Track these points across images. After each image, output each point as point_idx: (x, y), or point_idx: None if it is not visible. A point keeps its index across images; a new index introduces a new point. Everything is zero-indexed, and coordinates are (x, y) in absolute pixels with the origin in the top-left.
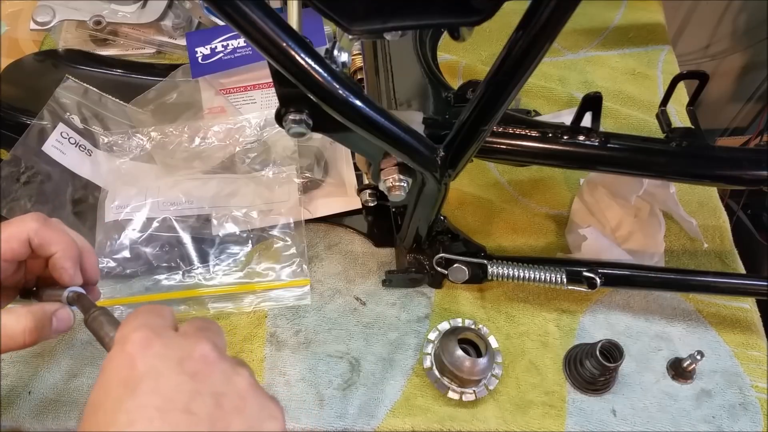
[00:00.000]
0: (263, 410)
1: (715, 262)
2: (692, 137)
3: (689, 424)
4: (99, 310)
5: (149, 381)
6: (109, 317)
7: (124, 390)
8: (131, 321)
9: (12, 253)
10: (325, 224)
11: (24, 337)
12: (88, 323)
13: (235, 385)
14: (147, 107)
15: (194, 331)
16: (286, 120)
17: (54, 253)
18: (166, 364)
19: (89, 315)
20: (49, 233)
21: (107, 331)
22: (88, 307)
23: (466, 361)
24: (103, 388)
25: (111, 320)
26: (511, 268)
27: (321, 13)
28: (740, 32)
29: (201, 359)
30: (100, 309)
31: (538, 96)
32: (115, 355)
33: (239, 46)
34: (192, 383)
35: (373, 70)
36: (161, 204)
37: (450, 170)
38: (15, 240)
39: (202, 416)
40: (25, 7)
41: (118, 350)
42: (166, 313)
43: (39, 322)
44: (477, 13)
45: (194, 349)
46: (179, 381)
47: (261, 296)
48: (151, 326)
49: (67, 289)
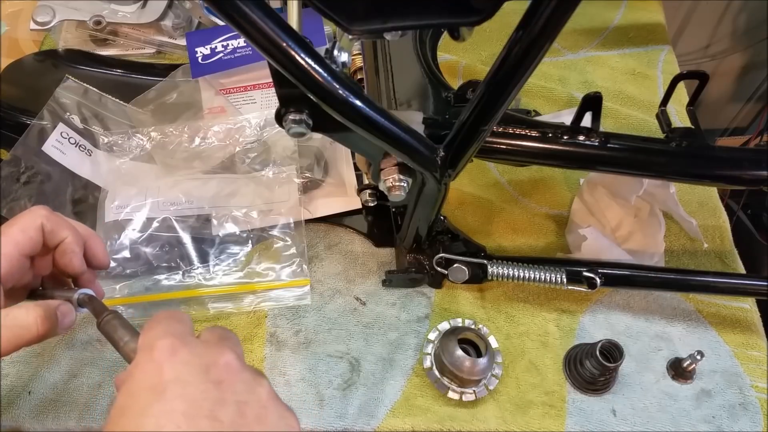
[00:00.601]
0: (281, 420)
1: (715, 262)
2: (692, 137)
3: (689, 424)
4: (112, 314)
5: (176, 387)
6: (122, 321)
7: (151, 395)
8: (154, 327)
9: (30, 242)
10: (325, 224)
11: (37, 327)
12: (101, 326)
13: (257, 395)
14: (147, 107)
15: (217, 340)
16: (286, 120)
17: (65, 238)
18: (192, 372)
19: (102, 318)
20: (58, 219)
21: (121, 335)
22: (100, 310)
23: (466, 361)
24: (130, 392)
25: (125, 324)
26: (511, 268)
27: (321, 13)
28: (740, 32)
29: (225, 368)
30: (112, 312)
31: (538, 96)
32: (142, 361)
33: (239, 46)
34: (217, 391)
35: (373, 70)
36: (161, 204)
37: (450, 170)
38: (31, 228)
39: (226, 423)
40: (25, 7)
41: (145, 357)
42: (185, 319)
43: (47, 312)
44: (477, 13)
45: (219, 357)
46: (205, 388)
47: (261, 296)
48: (176, 334)
49: (78, 291)
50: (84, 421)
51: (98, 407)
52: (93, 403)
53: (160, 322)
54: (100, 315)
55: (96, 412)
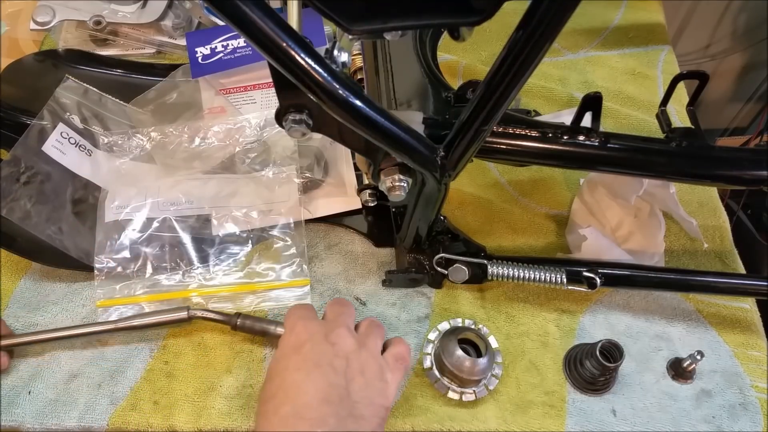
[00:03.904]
0: (379, 374)
1: (715, 262)
2: (692, 137)
3: (689, 424)
4: (241, 316)
5: (308, 345)
6: (252, 317)
7: (294, 351)
8: (294, 313)
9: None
10: (325, 224)
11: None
12: (239, 327)
13: (359, 355)
14: (147, 107)
15: (334, 317)
16: (286, 120)
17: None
18: (318, 337)
19: (236, 321)
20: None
21: (266, 326)
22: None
23: (466, 361)
24: (282, 351)
25: (256, 318)
26: (511, 268)
27: (321, 13)
28: (740, 32)
29: (337, 335)
30: (239, 314)
31: (538, 96)
32: (288, 334)
33: (239, 46)
34: (333, 349)
35: (373, 70)
36: (161, 204)
37: (450, 170)
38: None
39: (339, 370)
40: (25, 7)
41: (289, 331)
42: (311, 308)
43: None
44: (477, 13)
45: (334, 329)
46: (325, 347)
47: (261, 296)
48: (306, 317)
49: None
50: (84, 421)
51: (98, 407)
52: (93, 403)
53: (296, 311)
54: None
55: (96, 412)
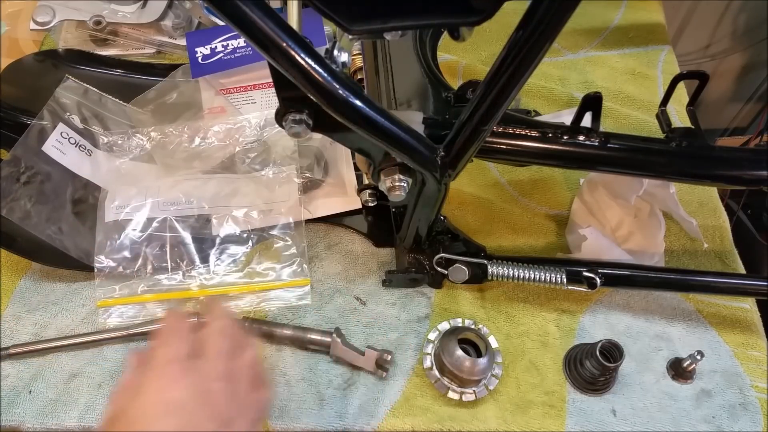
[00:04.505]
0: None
1: (715, 262)
2: (692, 137)
3: (689, 424)
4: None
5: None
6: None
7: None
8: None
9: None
10: (325, 224)
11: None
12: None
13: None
14: (147, 107)
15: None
16: (286, 120)
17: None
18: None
19: None
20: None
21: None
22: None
23: (466, 361)
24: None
25: None
26: (511, 268)
27: (321, 13)
28: (740, 32)
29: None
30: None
31: (538, 96)
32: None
33: (239, 46)
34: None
35: (373, 70)
36: (161, 204)
37: (450, 170)
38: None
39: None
40: (25, 7)
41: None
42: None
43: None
44: (477, 13)
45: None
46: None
47: (261, 296)
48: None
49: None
50: (84, 421)
51: (98, 407)
52: (93, 403)
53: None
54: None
55: (96, 412)
